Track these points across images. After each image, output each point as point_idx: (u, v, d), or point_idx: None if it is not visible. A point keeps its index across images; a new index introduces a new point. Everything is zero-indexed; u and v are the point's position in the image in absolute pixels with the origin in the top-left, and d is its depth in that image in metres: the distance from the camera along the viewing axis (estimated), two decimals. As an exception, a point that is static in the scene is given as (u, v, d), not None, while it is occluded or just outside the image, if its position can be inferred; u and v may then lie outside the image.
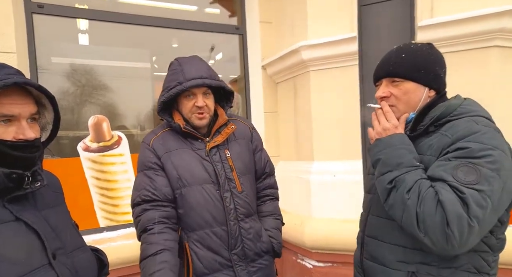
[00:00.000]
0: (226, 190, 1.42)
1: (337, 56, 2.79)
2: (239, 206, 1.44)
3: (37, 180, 0.88)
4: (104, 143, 2.93)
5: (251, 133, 1.62)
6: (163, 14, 3.18)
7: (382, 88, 1.17)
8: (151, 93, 3.29)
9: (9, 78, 0.79)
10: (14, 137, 0.82)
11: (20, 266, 0.78)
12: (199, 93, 1.41)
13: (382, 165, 1.06)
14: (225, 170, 1.44)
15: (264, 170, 1.66)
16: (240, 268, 1.43)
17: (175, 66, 1.43)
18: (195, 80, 1.36)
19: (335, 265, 2.88)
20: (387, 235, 1.12)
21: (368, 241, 1.19)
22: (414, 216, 0.94)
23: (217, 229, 1.40)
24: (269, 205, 1.65)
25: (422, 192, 0.95)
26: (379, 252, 1.14)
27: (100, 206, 2.92)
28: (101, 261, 1.09)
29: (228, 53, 3.62)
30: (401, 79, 1.13)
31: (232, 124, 1.50)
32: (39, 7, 2.63)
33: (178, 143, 1.45)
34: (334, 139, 2.89)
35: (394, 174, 1.01)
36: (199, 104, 1.40)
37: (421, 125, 1.10)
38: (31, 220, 0.84)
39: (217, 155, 1.44)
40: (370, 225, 1.20)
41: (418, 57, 1.14)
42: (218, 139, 1.45)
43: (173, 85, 1.38)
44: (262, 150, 1.67)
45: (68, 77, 2.89)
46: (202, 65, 1.44)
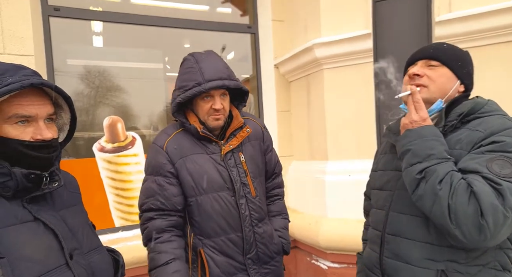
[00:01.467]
0: (241, 196, 1.41)
1: (351, 53, 2.74)
2: (254, 211, 1.44)
3: (54, 181, 0.89)
4: (119, 143, 2.96)
5: (263, 132, 1.59)
6: (175, 15, 3.20)
7: (418, 67, 1.15)
8: (164, 93, 3.31)
9: (26, 79, 0.79)
10: (32, 138, 0.83)
11: (38, 266, 0.78)
12: (217, 95, 1.35)
13: (411, 156, 1.03)
14: (239, 175, 1.42)
15: (274, 170, 1.65)
16: (254, 271, 1.44)
17: (191, 64, 1.34)
18: (215, 81, 1.30)
19: (350, 266, 2.83)
20: (412, 232, 1.09)
21: (390, 239, 1.14)
22: (446, 207, 0.93)
23: (232, 236, 1.40)
24: (278, 205, 1.67)
25: (454, 183, 0.94)
26: (403, 250, 1.10)
27: (115, 206, 2.95)
28: (117, 262, 1.09)
29: (240, 52, 3.61)
30: (439, 63, 1.12)
31: (247, 127, 1.46)
32: (56, 10, 2.68)
33: (192, 146, 1.40)
34: (348, 138, 2.85)
35: (424, 164, 1.00)
36: (216, 106, 1.34)
37: (448, 121, 1.10)
38: (49, 220, 0.85)
39: (232, 159, 1.41)
40: (392, 223, 1.15)
41: (457, 50, 1.17)
42: (233, 143, 1.41)
43: (191, 86, 1.31)
44: (272, 150, 1.66)
45: (83, 79, 2.94)
46: (220, 64, 1.36)
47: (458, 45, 1.23)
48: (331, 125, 2.90)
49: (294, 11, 3.27)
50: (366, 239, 1.41)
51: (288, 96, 3.53)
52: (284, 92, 3.51)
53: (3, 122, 0.80)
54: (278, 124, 3.44)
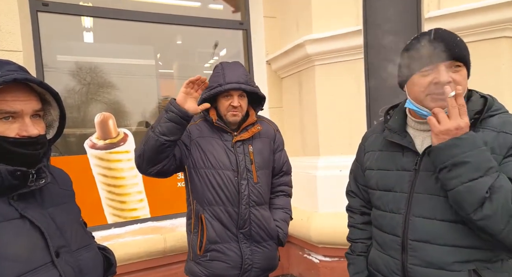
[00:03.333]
0: (244, 178, 1.61)
1: (342, 50, 2.75)
2: (253, 194, 1.63)
3: (42, 178, 0.88)
4: (111, 140, 2.94)
5: (275, 134, 1.81)
6: (167, 11, 3.17)
7: (445, 72, 0.98)
8: (155, 90, 3.30)
9: (9, 74, 0.78)
10: (18, 134, 0.81)
11: (21, 264, 0.77)
12: (236, 95, 1.62)
13: (471, 170, 0.90)
14: (245, 161, 1.63)
15: (282, 168, 1.82)
16: (245, 245, 1.63)
17: (219, 69, 1.65)
18: (233, 84, 1.58)
19: (342, 260, 2.86)
20: (441, 238, 1.01)
21: (417, 246, 1.05)
22: None
23: (229, 209, 1.60)
24: (281, 199, 1.82)
25: None
26: (434, 257, 1.02)
27: (108, 203, 2.94)
28: (108, 260, 1.08)
29: (232, 48, 3.60)
30: (462, 64, 1.00)
31: (258, 125, 1.70)
32: (44, 5, 2.65)
33: (210, 132, 1.67)
34: (340, 133, 2.87)
35: (488, 180, 0.89)
36: (234, 104, 1.61)
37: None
38: (35, 217, 0.84)
39: (241, 148, 1.64)
40: (416, 229, 1.05)
41: (464, 42, 1.01)
42: (244, 135, 1.65)
43: (214, 86, 1.60)
44: (282, 150, 1.84)
45: (73, 75, 2.91)
46: (241, 71, 1.64)
47: None
48: (322, 121, 2.92)
49: (286, 7, 3.27)
50: (357, 239, 1.38)
51: (280, 93, 3.54)
52: (276, 89, 3.52)
53: None
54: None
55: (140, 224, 3.01)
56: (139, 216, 3.04)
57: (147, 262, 2.72)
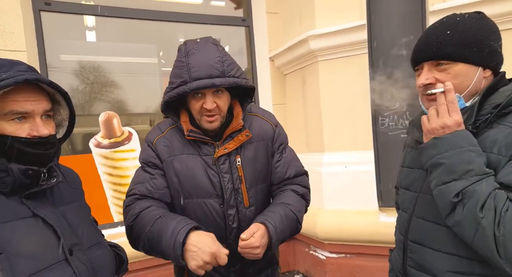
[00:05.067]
0: (232, 205, 1.25)
1: (346, 45, 2.74)
2: (244, 224, 1.26)
3: (53, 176, 0.88)
4: (115, 139, 2.95)
5: (273, 131, 1.37)
6: (169, 8, 3.16)
7: (425, 73, 0.96)
8: (159, 88, 3.30)
9: (20, 75, 0.79)
10: (29, 134, 0.82)
11: (37, 262, 0.78)
12: (209, 93, 1.18)
13: (444, 172, 0.86)
14: (233, 181, 1.26)
15: (285, 175, 1.37)
16: None
17: (181, 57, 1.19)
18: (202, 80, 1.13)
19: (348, 256, 2.87)
20: (437, 242, 0.95)
21: (413, 248, 1.02)
22: (492, 240, 0.77)
23: None
24: (287, 196, 1.33)
25: (499, 208, 0.77)
26: (428, 261, 0.97)
27: (114, 201, 2.95)
28: (120, 257, 1.09)
29: (235, 45, 3.59)
30: (449, 61, 0.92)
31: (246, 131, 1.27)
32: (47, 5, 2.65)
33: (184, 145, 1.27)
34: (344, 129, 2.86)
35: (461, 184, 0.82)
36: (208, 106, 1.17)
37: (481, 116, 0.90)
38: (48, 216, 0.84)
39: (225, 164, 1.25)
40: (415, 229, 1.02)
41: (466, 31, 0.91)
42: (229, 146, 1.25)
43: (177, 84, 1.16)
44: (284, 151, 1.40)
45: (77, 74, 2.91)
46: (214, 57, 1.16)
47: None
48: (326, 117, 2.91)
49: (289, 2, 3.25)
50: None
51: (284, 89, 3.53)
52: (280, 85, 3.51)
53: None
54: (274, 117, 3.45)
55: (146, 222, 3.03)
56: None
57: (154, 260, 2.73)
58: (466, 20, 0.94)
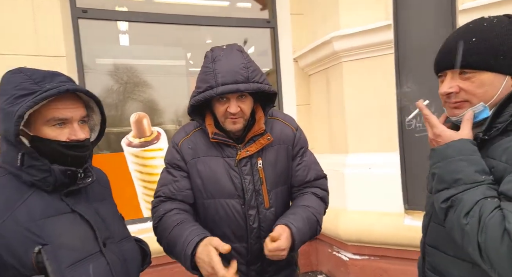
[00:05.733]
0: (252, 206, 1.30)
1: (370, 45, 2.71)
2: (264, 224, 1.32)
3: (88, 176, 0.99)
4: (145, 138, 3.10)
5: (294, 135, 1.40)
6: (196, 12, 3.27)
7: (448, 82, 0.93)
8: (186, 89, 3.42)
9: (62, 85, 0.88)
10: (68, 138, 0.92)
11: (76, 253, 0.88)
12: (233, 97, 1.24)
13: (437, 181, 0.90)
14: (254, 183, 1.30)
15: (306, 178, 1.41)
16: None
17: (208, 63, 1.24)
18: (227, 86, 1.18)
19: (372, 258, 2.85)
20: (450, 247, 0.96)
21: (429, 251, 1.05)
22: (476, 245, 0.78)
23: (236, 245, 1.31)
24: (308, 199, 1.37)
25: (484, 216, 0.77)
26: (441, 265, 0.99)
27: (144, 198, 3.11)
28: (144, 251, 1.19)
29: (260, 46, 3.65)
30: (474, 70, 0.89)
31: (268, 135, 1.31)
32: (83, 12, 2.83)
33: (207, 148, 1.33)
34: (369, 130, 2.84)
35: (450, 192, 0.85)
36: (232, 110, 1.23)
37: (498, 123, 0.88)
38: (85, 212, 0.94)
39: (247, 166, 1.30)
40: (431, 233, 1.05)
41: (494, 38, 0.88)
42: (251, 149, 1.29)
43: (204, 88, 1.22)
44: (304, 154, 1.43)
45: (111, 76, 3.09)
46: (239, 64, 1.22)
47: None
48: (351, 118, 2.90)
49: (313, 3, 3.26)
50: None
51: (308, 90, 3.54)
52: (304, 86, 3.53)
53: (42, 124, 0.90)
54: (298, 117, 3.47)
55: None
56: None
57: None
58: (494, 26, 0.90)
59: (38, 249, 0.82)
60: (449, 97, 0.94)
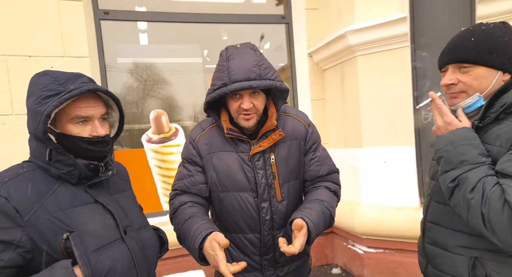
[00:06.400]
0: (265, 199, 1.36)
1: (385, 38, 2.69)
2: (276, 216, 1.38)
3: (109, 170, 1.07)
4: (164, 134, 3.22)
5: (306, 131, 1.45)
6: (212, 9, 3.33)
7: (449, 74, 1.09)
8: (203, 86, 3.50)
9: (84, 86, 0.96)
10: (90, 134, 1.00)
11: (100, 239, 0.97)
12: (246, 94, 1.29)
13: (444, 163, 1.02)
14: (267, 177, 1.36)
15: (318, 173, 1.46)
16: (270, 272, 1.43)
17: (223, 61, 1.30)
18: (240, 83, 1.23)
19: (387, 252, 2.86)
20: (449, 222, 1.11)
21: (430, 227, 1.19)
22: (480, 216, 0.91)
23: (250, 236, 1.39)
24: (321, 193, 1.42)
25: (487, 191, 0.91)
26: (440, 238, 1.14)
27: (163, 192, 3.23)
28: (161, 239, 1.27)
29: (275, 42, 3.67)
30: (471, 65, 1.05)
31: (280, 130, 1.36)
32: (105, 14, 2.95)
33: (222, 143, 1.39)
34: (383, 124, 2.83)
35: (456, 172, 0.98)
36: (245, 106, 1.28)
37: (490, 113, 1.02)
38: (107, 202, 1.03)
39: (260, 160, 1.36)
40: (432, 211, 1.19)
41: (489, 39, 1.04)
42: (264, 144, 1.35)
43: (218, 86, 1.28)
44: (317, 149, 1.48)
45: (132, 75, 3.22)
46: (251, 62, 1.26)
47: None
48: (365, 112, 2.89)
49: (328, -2, 3.24)
50: None
51: (322, 84, 3.54)
52: (318, 80, 3.53)
53: (67, 122, 0.98)
54: (312, 112, 3.48)
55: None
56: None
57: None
58: (490, 29, 1.06)
59: (66, 236, 0.91)
60: (449, 88, 1.10)
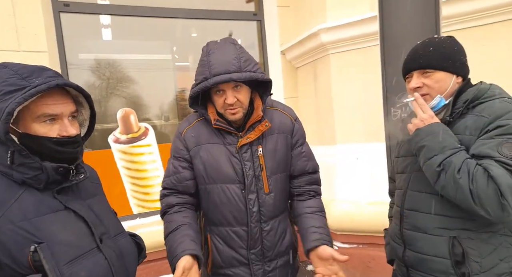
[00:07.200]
0: (252, 191, 1.37)
1: (357, 37, 2.74)
2: (263, 208, 1.39)
3: (80, 173, 0.97)
4: (133, 134, 3.06)
5: (293, 125, 1.47)
6: (181, 5, 3.22)
7: (414, 79, 1.25)
8: (173, 83, 3.38)
9: (51, 80, 0.86)
10: (59, 134, 0.90)
11: (74, 249, 0.87)
12: (228, 88, 1.29)
13: (427, 151, 1.15)
14: (254, 169, 1.37)
15: (306, 169, 1.49)
16: (257, 267, 1.42)
17: (204, 56, 1.31)
18: (220, 76, 1.24)
19: (360, 246, 2.92)
20: (427, 207, 1.22)
21: (408, 214, 1.29)
22: (468, 193, 1.04)
23: (237, 229, 1.39)
24: (315, 201, 1.50)
25: (472, 170, 1.05)
26: (420, 222, 1.24)
27: (132, 194, 3.08)
28: (139, 245, 1.18)
29: (247, 39, 3.63)
30: (432, 70, 1.22)
31: (266, 121, 1.37)
32: (65, 6, 2.75)
33: (210, 136, 1.40)
34: (356, 122, 2.88)
35: (440, 157, 1.11)
36: (229, 101, 1.29)
37: (456, 109, 1.19)
38: (79, 208, 0.93)
39: (248, 152, 1.37)
40: (410, 200, 1.30)
41: (444, 48, 1.23)
42: (251, 136, 1.36)
43: (200, 80, 1.29)
44: (303, 145, 1.51)
45: (95, 72, 3.02)
46: (231, 55, 1.27)
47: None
48: (338, 109, 2.93)
49: (299, -4, 3.25)
50: (391, 216, 1.54)
51: (295, 82, 3.55)
52: (291, 78, 3.54)
53: (32, 121, 0.88)
54: (286, 110, 3.48)
55: (164, 214, 3.13)
56: (162, 206, 3.17)
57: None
58: (442, 41, 1.26)
59: (34, 248, 0.80)
60: (415, 91, 1.25)
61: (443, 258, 1.18)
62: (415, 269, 1.28)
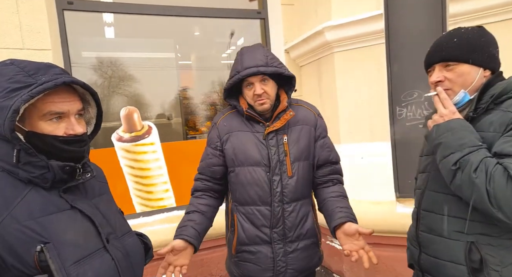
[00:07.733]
0: (276, 173, 1.51)
1: (362, 35, 2.72)
2: (286, 190, 1.51)
3: (87, 171, 0.96)
4: (136, 133, 3.05)
5: (316, 119, 1.63)
6: (184, 3, 3.20)
7: (436, 73, 1.18)
8: (176, 82, 3.36)
9: (58, 78, 0.84)
10: (65, 133, 0.88)
11: (80, 249, 0.86)
12: (256, 81, 1.48)
13: (444, 148, 1.08)
14: (279, 154, 1.52)
15: (329, 158, 1.62)
16: (279, 246, 1.53)
17: (238, 56, 1.54)
18: (250, 69, 1.44)
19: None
20: (445, 209, 1.16)
21: (425, 215, 1.24)
22: (485, 193, 0.97)
23: (261, 208, 1.52)
24: (337, 187, 1.63)
25: (490, 169, 0.97)
26: (436, 224, 1.18)
27: (135, 193, 3.07)
28: (146, 245, 1.17)
29: (250, 38, 3.60)
30: (455, 63, 1.14)
31: (290, 110, 1.53)
32: (69, 4, 2.73)
33: (240, 125, 1.58)
34: (361, 121, 2.86)
35: (457, 155, 1.04)
36: (257, 92, 1.48)
37: (481, 104, 1.11)
38: (85, 208, 0.92)
39: (273, 139, 1.53)
40: (427, 200, 1.24)
41: (470, 39, 1.14)
42: (277, 125, 1.51)
43: (233, 75, 1.51)
44: (325, 138, 1.66)
45: (99, 70, 3.01)
46: (260, 53, 1.49)
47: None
48: (343, 108, 2.91)
49: (304, -7, 3.23)
50: None
51: (299, 81, 3.52)
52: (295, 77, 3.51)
53: (38, 119, 0.86)
54: (290, 109, 3.46)
55: (167, 213, 3.12)
56: (165, 206, 3.16)
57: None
58: (469, 31, 1.16)
59: (40, 248, 0.79)
60: (437, 86, 1.18)
61: (459, 264, 1.11)
62: (430, 274, 1.22)
